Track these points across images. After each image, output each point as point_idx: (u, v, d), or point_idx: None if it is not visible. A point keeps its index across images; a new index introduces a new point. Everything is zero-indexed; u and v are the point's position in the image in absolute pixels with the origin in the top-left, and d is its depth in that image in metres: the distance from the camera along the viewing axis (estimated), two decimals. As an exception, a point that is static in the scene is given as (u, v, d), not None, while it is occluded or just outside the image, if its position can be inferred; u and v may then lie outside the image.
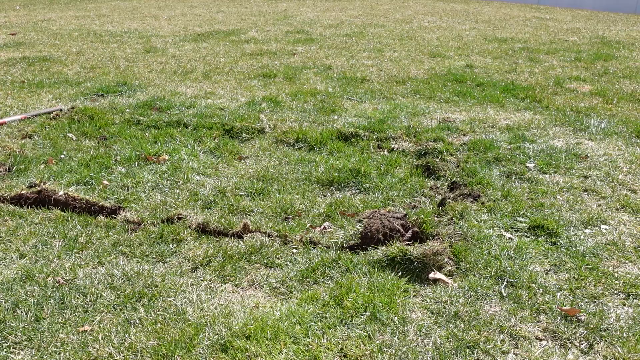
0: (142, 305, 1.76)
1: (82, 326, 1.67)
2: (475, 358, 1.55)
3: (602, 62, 5.69)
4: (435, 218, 2.33)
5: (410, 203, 2.48)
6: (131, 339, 1.61)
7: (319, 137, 3.25)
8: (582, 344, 1.61)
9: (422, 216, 2.27)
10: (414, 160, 3.00)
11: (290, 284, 1.90)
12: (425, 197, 2.54)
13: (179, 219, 2.30)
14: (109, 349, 1.57)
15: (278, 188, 2.62)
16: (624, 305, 1.79)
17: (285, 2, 12.47)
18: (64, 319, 1.70)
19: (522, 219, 2.31)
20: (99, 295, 1.81)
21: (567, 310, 1.73)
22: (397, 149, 3.14)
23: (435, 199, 2.52)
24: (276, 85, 4.70)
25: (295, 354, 1.54)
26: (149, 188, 2.62)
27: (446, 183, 2.71)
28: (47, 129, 3.41)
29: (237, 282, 1.91)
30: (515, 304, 1.78)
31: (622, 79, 4.93)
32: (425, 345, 1.59)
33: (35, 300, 1.77)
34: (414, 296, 1.83)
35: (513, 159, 2.94)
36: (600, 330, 1.66)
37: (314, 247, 2.11)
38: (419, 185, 2.65)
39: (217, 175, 2.79)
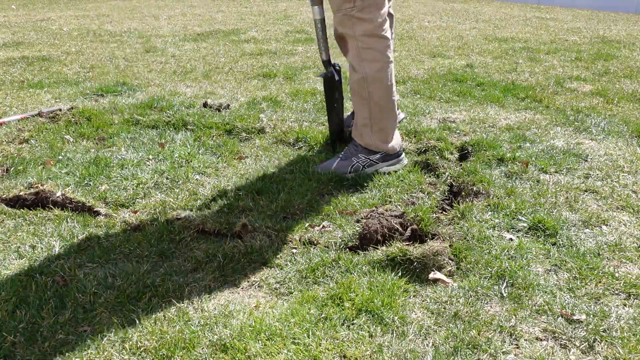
0: (142, 305, 1.76)
1: (82, 326, 1.67)
2: (476, 358, 1.55)
3: (603, 62, 5.69)
4: (434, 215, 2.33)
5: (409, 199, 2.47)
6: (131, 339, 1.60)
7: (319, 137, 3.25)
8: (583, 345, 1.61)
9: (420, 213, 2.27)
10: (414, 157, 3.00)
11: (290, 284, 1.90)
12: (424, 194, 2.53)
13: (178, 219, 2.29)
14: (108, 349, 1.57)
15: (277, 188, 2.62)
16: (625, 305, 1.79)
17: (285, 2, 12.46)
18: (63, 319, 1.69)
19: (523, 219, 2.30)
20: (99, 296, 1.80)
21: (564, 312, 1.73)
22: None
23: (434, 195, 2.52)
24: (276, 85, 4.70)
25: (295, 354, 1.54)
26: (148, 188, 2.61)
27: (446, 182, 2.70)
28: (45, 130, 3.40)
29: (237, 282, 1.91)
30: (516, 304, 1.77)
31: (622, 79, 4.92)
32: (425, 346, 1.59)
33: (35, 301, 1.77)
34: (414, 296, 1.83)
35: (514, 158, 2.93)
36: (601, 331, 1.65)
37: (313, 247, 2.11)
38: (417, 181, 2.64)
39: (217, 175, 2.78)
